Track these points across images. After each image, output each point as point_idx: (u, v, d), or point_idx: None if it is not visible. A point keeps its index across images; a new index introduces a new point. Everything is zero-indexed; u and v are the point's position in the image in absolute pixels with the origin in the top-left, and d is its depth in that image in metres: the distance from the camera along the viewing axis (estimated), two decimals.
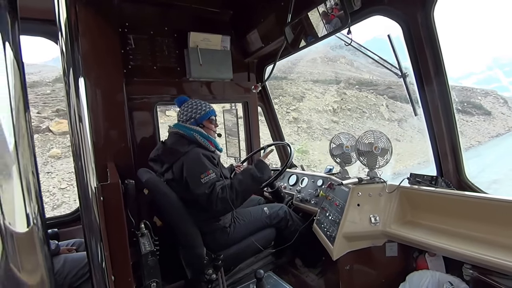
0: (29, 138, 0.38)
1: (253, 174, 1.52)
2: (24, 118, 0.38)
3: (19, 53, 0.38)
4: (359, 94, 16.33)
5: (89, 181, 0.71)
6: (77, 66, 0.67)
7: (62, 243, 1.54)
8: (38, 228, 0.38)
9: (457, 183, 1.39)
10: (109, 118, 1.69)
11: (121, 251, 0.94)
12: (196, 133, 1.53)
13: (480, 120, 16.53)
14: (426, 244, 1.19)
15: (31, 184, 0.38)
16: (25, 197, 0.37)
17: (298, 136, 12.10)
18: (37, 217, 0.38)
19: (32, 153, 0.39)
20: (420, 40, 1.31)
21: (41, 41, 1.70)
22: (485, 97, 18.38)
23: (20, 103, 0.37)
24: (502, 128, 16.37)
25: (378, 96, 16.79)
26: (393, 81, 17.16)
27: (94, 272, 0.75)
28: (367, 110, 15.34)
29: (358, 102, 15.71)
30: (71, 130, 0.68)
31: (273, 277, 1.61)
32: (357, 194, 1.38)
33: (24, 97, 0.38)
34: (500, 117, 17.18)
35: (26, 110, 0.38)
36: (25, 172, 0.37)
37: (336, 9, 1.33)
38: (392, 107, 16.17)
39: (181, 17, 1.99)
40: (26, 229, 0.37)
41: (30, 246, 0.38)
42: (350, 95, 16.04)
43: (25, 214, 0.37)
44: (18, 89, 0.37)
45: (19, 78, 0.37)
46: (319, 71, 18.61)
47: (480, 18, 70.98)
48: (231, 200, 1.42)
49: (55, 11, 0.62)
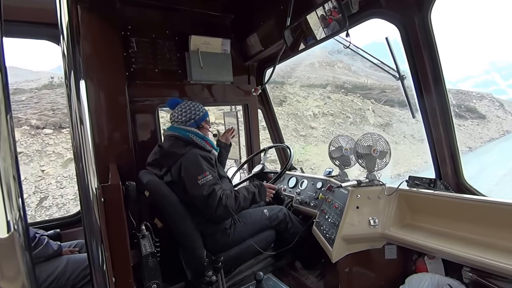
0: (11, 141, 0.37)
1: (255, 195, 1.61)
2: (5, 121, 0.36)
3: (1, 54, 0.37)
4: (344, 98, 15.84)
5: (90, 183, 0.72)
6: (78, 69, 0.68)
7: (64, 244, 1.55)
8: (19, 234, 0.37)
9: (455, 186, 1.39)
10: (111, 120, 1.71)
11: (121, 253, 0.94)
12: (192, 134, 1.55)
13: (473, 124, 16.06)
14: (425, 246, 1.19)
15: (12, 189, 0.36)
16: (5, 202, 0.35)
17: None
18: (18, 223, 0.37)
19: (13, 157, 0.37)
20: (417, 42, 1.32)
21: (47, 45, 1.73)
22: (481, 100, 18.07)
23: (2, 106, 0.36)
24: (496, 132, 15.91)
25: (365, 100, 16.44)
26: (388, 85, 16.70)
27: (95, 274, 0.75)
28: (351, 115, 14.80)
29: (343, 106, 15.18)
30: (72, 132, 0.68)
31: (273, 279, 1.61)
32: (356, 196, 1.39)
33: (6, 100, 0.37)
34: (495, 120, 16.82)
35: (8, 113, 0.37)
36: (5, 177, 0.36)
37: (335, 12, 1.34)
38: (379, 112, 15.73)
39: (182, 21, 2.02)
40: (6, 235, 0.36)
41: (10, 253, 0.37)
42: (334, 99, 15.55)
43: (5, 221, 0.36)
44: (0, 91, 0.36)
45: (1, 80, 0.36)
46: (316, 75, 18.33)
47: (478, 22, 70.84)
48: (233, 210, 1.49)
49: (57, 14, 0.64)
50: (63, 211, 6.29)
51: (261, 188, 1.65)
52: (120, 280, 0.91)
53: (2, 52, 0.37)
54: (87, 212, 0.73)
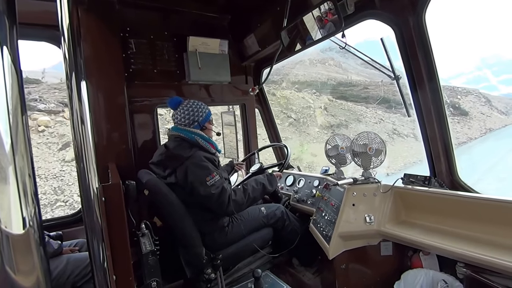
0: (26, 141, 0.38)
1: (265, 184, 1.63)
2: (21, 121, 0.38)
3: (17, 57, 0.39)
4: (295, 95, 13.25)
5: (91, 182, 0.73)
6: (80, 70, 0.69)
7: (65, 243, 1.56)
8: (34, 230, 0.38)
9: (450, 183, 1.41)
10: (110, 120, 1.72)
11: (122, 251, 0.95)
12: (197, 136, 1.55)
13: (454, 121, 13.86)
14: (420, 243, 1.21)
15: (28, 187, 0.38)
16: (21, 200, 0.37)
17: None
18: (33, 219, 0.38)
19: (29, 156, 0.39)
20: (412, 43, 1.34)
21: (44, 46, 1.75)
22: (466, 96, 16.48)
23: (18, 107, 0.37)
24: (478, 131, 14.11)
25: (322, 97, 14.01)
26: (374, 82, 15.31)
27: (96, 272, 0.76)
28: (294, 114, 12.14)
29: (287, 104, 12.52)
30: (73, 132, 0.69)
31: (271, 276, 1.63)
32: (352, 194, 1.41)
33: (22, 101, 0.38)
34: (479, 117, 15.20)
35: (24, 114, 0.39)
36: (21, 175, 0.37)
37: (330, 13, 1.36)
38: (333, 110, 13.33)
39: (180, 22, 2.04)
40: (22, 231, 0.37)
41: (26, 249, 0.38)
42: (279, 96, 12.82)
43: (21, 217, 0.37)
44: (16, 93, 0.37)
45: (17, 82, 0.38)
46: (304, 73, 16.86)
47: (469, 19, 70.74)
48: (243, 203, 1.52)
49: (58, 17, 0.64)
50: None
51: (270, 177, 1.68)
52: (120, 278, 0.91)
53: (18, 55, 0.39)
54: (88, 211, 0.74)
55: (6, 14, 0.38)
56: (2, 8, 0.37)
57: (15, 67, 0.38)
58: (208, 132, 1.65)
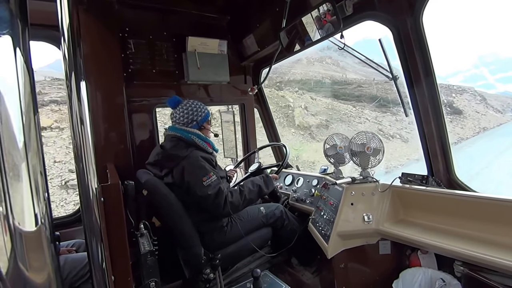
0: (38, 139, 0.39)
1: (261, 186, 1.63)
2: (33, 120, 0.39)
3: (29, 58, 0.39)
4: (275, 93, 12.46)
5: (90, 182, 0.72)
6: (79, 70, 0.68)
7: (62, 243, 1.55)
8: (45, 227, 0.39)
9: (447, 182, 1.42)
10: (109, 120, 1.72)
11: (121, 251, 0.94)
12: (194, 135, 1.55)
13: (446, 120, 13.08)
14: (418, 241, 1.22)
15: (40, 185, 0.38)
16: (34, 197, 0.37)
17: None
18: (44, 217, 0.39)
19: (40, 154, 0.39)
20: (410, 44, 1.36)
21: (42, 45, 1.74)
22: (461, 94, 15.76)
23: (30, 106, 0.38)
24: (471, 130, 13.39)
25: (304, 94, 13.33)
26: (368, 80, 14.67)
27: (95, 272, 0.75)
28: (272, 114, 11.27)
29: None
30: (72, 133, 0.69)
31: (270, 276, 1.63)
32: (350, 193, 1.42)
33: (34, 100, 0.39)
34: (473, 116, 14.45)
35: (35, 113, 0.39)
36: (34, 173, 0.37)
37: (329, 14, 1.37)
38: (314, 109, 12.55)
39: (179, 22, 2.04)
40: (34, 229, 0.37)
41: (38, 245, 0.39)
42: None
43: (33, 214, 0.37)
44: (28, 92, 0.38)
45: (29, 82, 0.39)
46: (301, 71, 16.39)
47: (466, 17, 71.41)
48: (239, 205, 1.52)
49: (57, 17, 0.64)
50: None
51: (267, 179, 1.68)
52: (119, 278, 0.91)
53: (29, 56, 0.39)
54: (87, 211, 0.73)
55: (19, 17, 0.39)
56: (15, 12, 0.38)
57: (27, 67, 0.39)
58: (206, 132, 1.65)
